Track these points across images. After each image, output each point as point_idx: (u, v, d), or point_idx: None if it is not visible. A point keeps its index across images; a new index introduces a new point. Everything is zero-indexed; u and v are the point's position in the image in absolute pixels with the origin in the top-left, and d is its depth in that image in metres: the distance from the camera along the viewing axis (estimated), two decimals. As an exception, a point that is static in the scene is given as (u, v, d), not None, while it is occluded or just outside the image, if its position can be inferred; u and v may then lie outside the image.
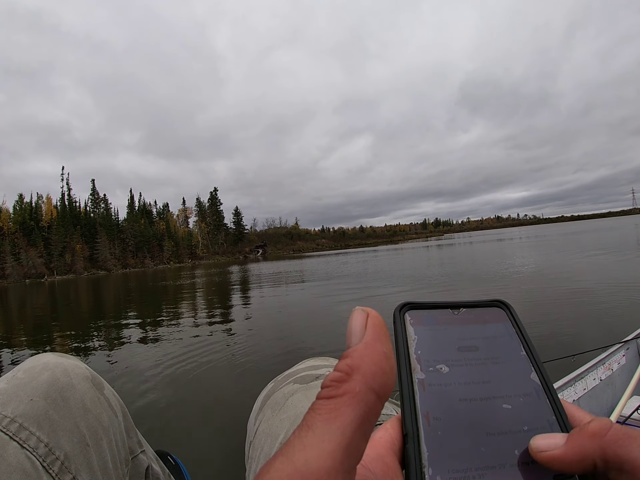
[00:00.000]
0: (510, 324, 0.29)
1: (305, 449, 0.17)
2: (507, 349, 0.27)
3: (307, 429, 0.18)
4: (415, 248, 49.10)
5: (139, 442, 0.81)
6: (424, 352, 0.26)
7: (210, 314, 10.35)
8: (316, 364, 0.83)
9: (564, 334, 5.31)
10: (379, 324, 0.21)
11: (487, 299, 0.30)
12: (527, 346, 0.28)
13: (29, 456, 0.56)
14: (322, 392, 0.19)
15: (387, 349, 0.21)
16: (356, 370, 0.19)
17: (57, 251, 76.39)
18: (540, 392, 0.25)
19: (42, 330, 10.25)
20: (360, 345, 0.20)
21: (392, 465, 0.22)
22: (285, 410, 0.69)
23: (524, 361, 0.27)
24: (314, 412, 0.18)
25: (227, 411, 3.96)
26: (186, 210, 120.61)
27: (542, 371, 0.26)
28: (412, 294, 10.41)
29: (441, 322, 0.28)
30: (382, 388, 0.19)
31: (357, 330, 0.21)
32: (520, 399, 0.24)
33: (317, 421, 0.18)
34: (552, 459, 0.22)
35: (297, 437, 0.18)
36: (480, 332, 0.28)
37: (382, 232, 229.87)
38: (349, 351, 0.20)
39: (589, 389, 2.32)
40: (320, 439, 0.17)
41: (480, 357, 0.26)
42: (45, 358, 0.72)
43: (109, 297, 20.94)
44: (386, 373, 0.20)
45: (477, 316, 0.29)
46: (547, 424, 0.24)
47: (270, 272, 26.57)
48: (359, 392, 0.19)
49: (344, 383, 0.19)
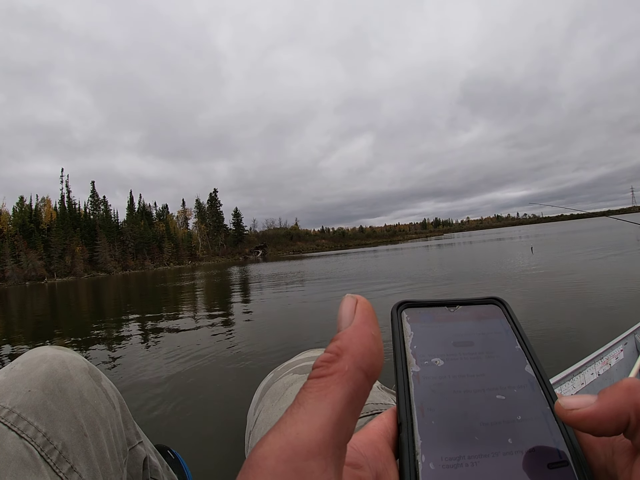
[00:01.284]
0: (506, 320, 0.29)
1: (297, 424, 0.17)
2: (502, 344, 0.28)
3: (299, 405, 0.18)
4: (415, 248, 49.07)
5: (137, 434, 0.82)
6: (419, 346, 0.27)
7: (210, 312, 10.38)
8: (315, 354, 0.84)
9: (563, 330, 5.33)
10: (367, 308, 0.22)
11: (483, 297, 0.31)
12: (522, 340, 0.28)
13: (27, 446, 0.57)
14: (313, 372, 0.20)
15: (375, 332, 0.21)
16: (345, 350, 0.20)
17: (57, 253, 76.41)
18: (535, 384, 0.25)
19: (43, 332, 10.26)
20: (349, 328, 0.21)
21: (383, 451, 0.23)
22: (284, 399, 0.70)
23: (518, 354, 0.27)
24: (305, 390, 0.19)
25: (226, 403, 3.99)
26: (186, 211, 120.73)
27: (537, 364, 0.27)
28: (411, 293, 10.43)
29: (437, 319, 0.29)
30: (370, 368, 0.20)
31: (347, 314, 0.22)
32: (514, 390, 0.25)
33: (308, 398, 0.18)
34: (583, 417, 0.21)
35: (289, 413, 0.18)
36: (475, 328, 0.28)
37: (381, 232, 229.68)
38: (339, 334, 0.21)
39: (586, 384, 2.33)
40: (311, 414, 0.18)
41: (475, 352, 0.27)
42: (43, 351, 0.73)
43: (109, 298, 20.94)
44: (374, 354, 0.20)
45: (473, 313, 0.30)
46: (541, 413, 0.24)
47: (270, 273, 26.55)
48: (348, 371, 0.19)
49: (334, 363, 0.20)
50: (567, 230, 52.70)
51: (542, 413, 0.24)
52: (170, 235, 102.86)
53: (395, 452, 0.23)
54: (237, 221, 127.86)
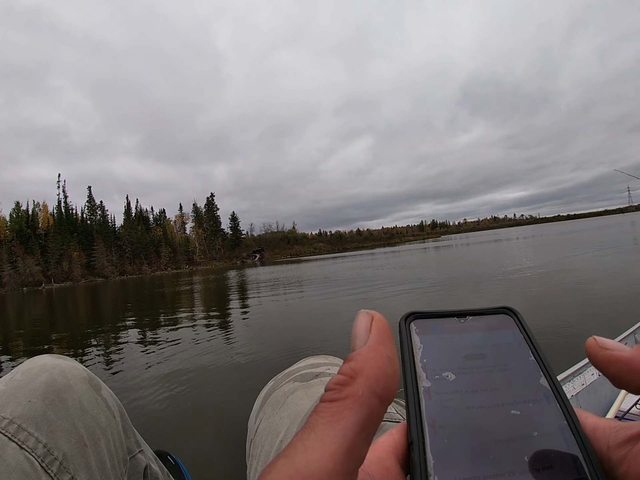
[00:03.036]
0: (518, 330, 0.28)
1: (307, 451, 0.17)
2: (515, 356, 0.27)
3: (310, 431, 0.18)
4: (413, 250, 49.10)
5: (137, 442, 0.82)
6: (429, 360, 0.26)
7: (209, 318, 10.35)
8: (315, 362, 0.83)
9: (563, 330, 5.36)
10: (383, 327, 0.21)
11: (494, 306, 0.30)
12: (536, 351, 0.27)
13: (28, 456, 0.57)
14: (326, 395, 0.19)
15: (391, 353, 0.20)
16: (359, 373, 0.19)
17: (54, 259, 76.10)
18: (550, 397, 0.25)
19: (40, 338, 10.22)
20: (364, 349, 0.20)
21: (392, 469, 0.22)
22: (285, 408, 0.69)
23: (532, 367, 0.26)
24: (316, 414, 0.18)
25: (227, 410, 3.98)
26: (183, 215, 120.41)
27: (552, 376, 0.26)
28: (413, 298, 10.44)
29: (447, 331, 0.28)
30: (385, 392, 0.19)
31: (362, 333, 0.21)
32: (529, 404, 0.24)
33: (319, 424, 0.18)
34: (616, 360, 0.21)
35: (300, 439, 0.18)
36: (487, 339, 0.28)
37: (379, 234, 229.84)
38: (353, 354, 0.20)
39: (587, 384, 2.34)
40: (322, 442, 0.17)
41: (487, 365, 0.26)
42: (43, 360, 0.73)
43: (107, 304, 20.88)
44: (389, 377, 0.20)
45: (484, 324, 0.29)
46: (558, 428, 0.23)
47: (267, 277, 26.55)
48: (362, 396, 0.18)
49: (347, 386, 0.19)
50: (564, 231, 52.88)
51: (559, 428, 0.23)
52: (168, 240, 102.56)
53: (405, 470, 0.22)
54: (234, 225, 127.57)
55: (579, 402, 2.26)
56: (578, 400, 2.26)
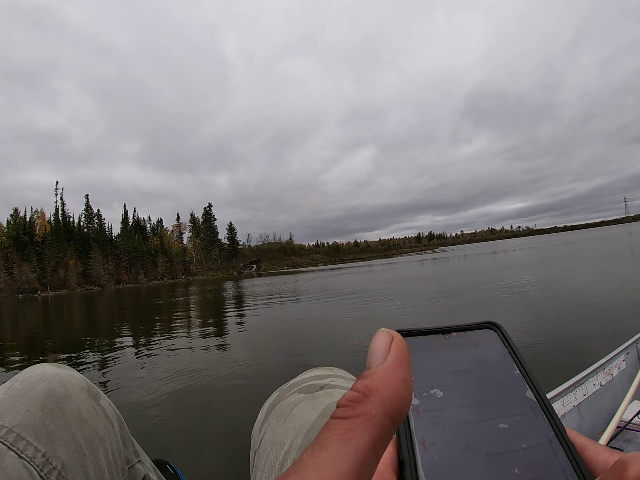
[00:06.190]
0: (502, 345, 0.29)
1: (318, 469, 0.17)
2: (500, 370, 0.27)
3: (321, 448, 0.18)
4: (410, 262, 49.13)
5: (136, 452, 0.82)
6: (417, 378, 0.26)
7: (208, 328, 10.32)
8: (320, 373, 0.83)
9: (564, 341, 5.37)
10: (402, 349, 0.21)
11: (478, 322, 0.30)
12: (521, 365, 0.27)
13: (27, 466, 0.57)
14: (338, 411, 0.19)
15: (407, 376, 0.20)
16: (374, 392, 0.19)
17: (50, 266, 75.81)
18: (537, 409, 0.25)
19: (36, 347, 10.13)
20: (382, 368, 0.20)
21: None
22: (290, 419, 0.70)
23: (518, 380, 0.27)
24: (328, 431, 0.18)
25: (229, 420, 3.95)
26: (180, 225, 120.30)
27: (537, 388, 0.26)
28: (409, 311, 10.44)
29: (433, 348, 0.28)
30: (397, 413, 0.19)
31: (380, 352, 0.21)
32: (516, 417, 0.24)
33: (331, 441, 0.18)
34: None
35: (311, 455, 0.17)
36: (472, 355, 0.28)
37: (376, 246, 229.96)
38: (369, 372, 0.20)
39: (589, 395, 2.34)
40: (333, 460, 0.17)
41: (473, 380, 0.26)
42: (42, 369, 0.73)
43: (103, 313, 20.76)
44: (404, 399, 0.20)
45: (469, 340, 0.29)
46: (546, 439, 0.23)
47: (264, 289, 26.48)
48: (375, 415, 0.18)
49: (361, 404, 0.19)
50: (561, 242, 53.07)
51: (547, 439, 0.23)
52: (165, 249, 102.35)
53: None
54: (231, 235, 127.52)
55: (580, 412, 2.26)
56: (580, 411, 2.26)
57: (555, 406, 2.09)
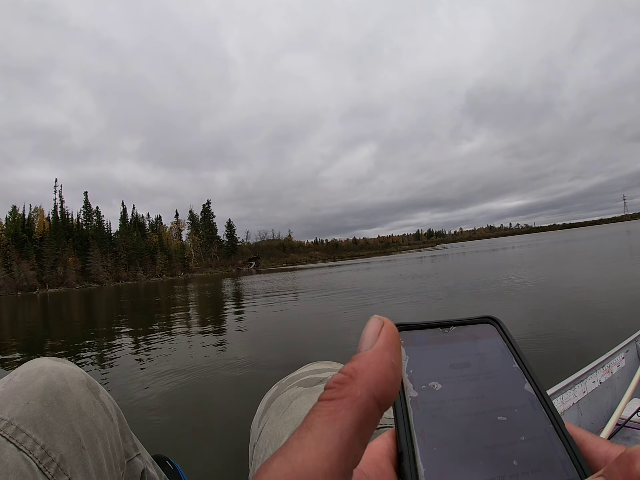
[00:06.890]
0: (501, 339, 0.29)
1: (304, 450, 0.17)
2: (499, 363, 0.27)
3: (307, 429, 0.18)
4: (409, 259, 49.11)
5: (135, 446, 0.83)
6: (415, 371, 0.26)
7: (208, 325, 10.30)
8: (320, 367, 0.84)
9: (564, 338, 5.37)
10: (392, 334, 0.21)
11: (477, 316, 0.30)
12: (520, 359, 0.28)
13: (26, 458, 0.57)
14: (324, 393, 0.19)
15: (396, 360, 0.21)
16: (360, 374, 0.19)
17: (49, 264, 75.74)
18: (535, 402, 0.25)
19: (35, 343, 10.11)
20: (369, 351, 0.20)
21: (386, 470, 0.22)
22: (289, 412, 0.70)
23: (516, 373, 0.27)
24: (314, 413, 0.19)
25: (228, 414, 3.95)
26: (179, 222, 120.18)
27: (536, 381, 0.26)
28: (409, 309, 10.44)
29: (432, 342, 0.28)
30: (383, 396, 0.19)
31: (370, 336, 0.21)
32: (515, 410, 0.24)
33: (316, 422, 0.18)
34: None
35: (296, 437, 0.18)
36: (471, 348, 0.28)
37: (375, 243, 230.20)
38: (357, 355, 0.20)
39: (588, 392, 2.34)
40: (318, 440, 0.17)
41: (472, 373, 0.26)
42: (42, 362, 0.73)
43: (102, 310, 20.75)
44: (390, 382, 0.20)
45: (468, 333, 0.29)
46: (545, 432, 0.24)
47: (263, 286, 26.48)
48: (360, 397, 0.19)
49: (346, 385, 0.19)
50: (560, 240, 53.08)
51: (545, 432, 0.24)
52: (163, 246, 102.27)
53: (398, 473, 0.22)
54: (230, 232, 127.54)
55: (580, 409, 2.26)
56: (579, 408, 2.26)
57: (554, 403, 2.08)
